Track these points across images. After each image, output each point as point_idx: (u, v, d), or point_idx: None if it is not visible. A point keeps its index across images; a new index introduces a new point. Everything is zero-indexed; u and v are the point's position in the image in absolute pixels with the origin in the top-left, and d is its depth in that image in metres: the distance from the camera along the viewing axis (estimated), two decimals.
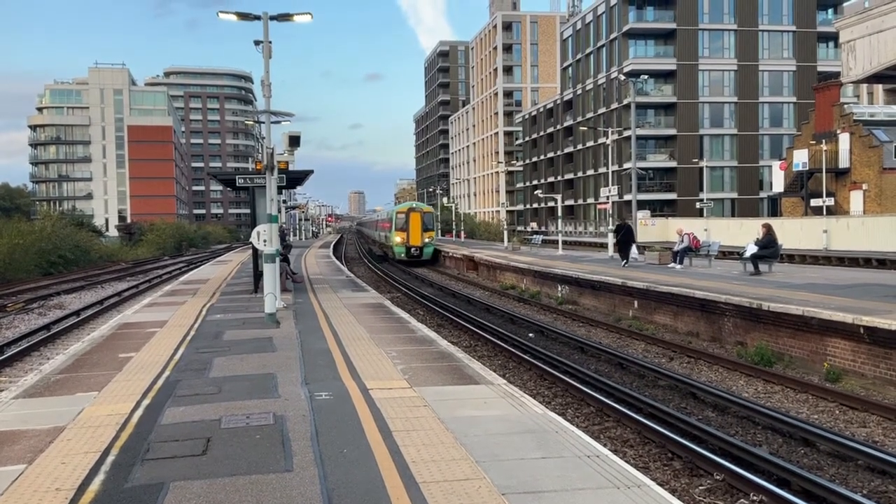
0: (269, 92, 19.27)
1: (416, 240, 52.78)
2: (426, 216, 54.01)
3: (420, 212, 53.60)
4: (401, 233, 52.87)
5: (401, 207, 56.10)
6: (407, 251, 52.85)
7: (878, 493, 8.61)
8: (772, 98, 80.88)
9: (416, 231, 52.59)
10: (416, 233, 52.62)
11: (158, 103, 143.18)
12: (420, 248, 52.91)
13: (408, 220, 52.68)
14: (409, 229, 52.56)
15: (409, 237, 52.61)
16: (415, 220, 52.69)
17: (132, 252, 71.07)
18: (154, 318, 18.79)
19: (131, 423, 8.81)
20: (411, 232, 52.57)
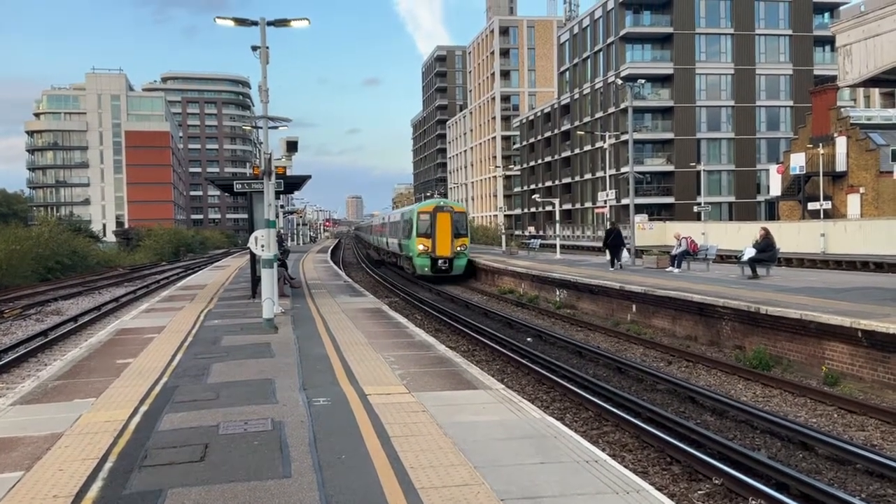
0: (267, 97, 19.28)
1: (445, 249, 40.47)
2: (457, 218, 41.33)
3: (450, 212, 41.05)
4: (424, 240, 40.63)
5: (424, 206, 42.61)
6: (432, 264, 40.58)
7: (877, 496, 8.62)
8: (769, 102, 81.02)
9: (444, 237, 40.58)
10: (444, 240, 40.59)
11: (156, 109, 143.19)
12: (449, 260, 40.60)
13: (433, 223, 40.51)
14: (435, 235, 40.40)
15: (436, 245, 40.40)
16: (443, 222, 40.61)
17: (130, 257, 71.02)
18: (152, 324, 18.77)
19: (129, 429, 8.79)
20: (438, 238, 40.43)
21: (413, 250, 41.49)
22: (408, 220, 43.56)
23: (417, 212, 41.56)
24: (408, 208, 49.62)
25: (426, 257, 40.66)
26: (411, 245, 41.75)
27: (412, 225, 41.68)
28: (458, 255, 40.88)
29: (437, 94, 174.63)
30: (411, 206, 48.97)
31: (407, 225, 43.68)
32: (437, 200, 43.13)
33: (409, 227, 42.42)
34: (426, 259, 40.69)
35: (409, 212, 44.97)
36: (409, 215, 43.79)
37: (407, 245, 43.48)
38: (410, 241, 41.82)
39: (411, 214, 42.50)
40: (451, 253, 40.49)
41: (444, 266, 40.51)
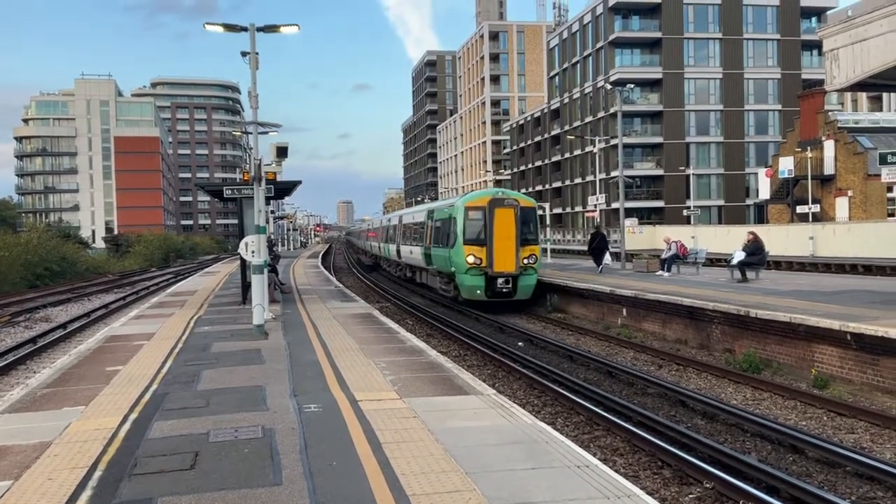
0: (257, 103, 19.26)
1: (508, 262, 27.15)
2: (526, 215, 28.02)
3: (514, 207, 27.55)
4: (474, 249, 27.45)
5: (474, 198, 28.83)
6: (488, 285, 27.33)
7: (867, 499, 8.65)
8: (757, 106, 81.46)
9: (506, 245, 27.19)
10: (506, 248, 27.20)
11: (145, 114, 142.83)
12: (513, 279, 27.38)
13: (489, 224, 27.27)
14: (491, 241, 27.15)
15: (494, 257, 27.15)
16: (504, 222, 27.23)
17: (119, 264, 70.67)
18: (141, 331, 18.68)
19: (119, 437, 8.75)
20: (498, 247, 27.17)
21: (456, 264, 28.00)
22: (444, 220, 30.39)
23: (465, 207, 27.92)
24: (440, 204, 35.30)
25: (478, 275, 27.29)
26: (453, 257, 28.32)
27: (454, 226, 28.39)
28: (526, 270, 27.49)
29: (427, 99, 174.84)
30: (449, 201, 33.14)
31: (443, 226, 30.52)
32: (492, 191, 29.17)
33: (448, 229, 29.37)
34: (478, 278, 27.28)
35: (446, 208, 30.92)
36: (446, 213, 30.43)
37: (443, 257, 30.19)
38: (452, 252, 28.45)
39: (452, 211, 29.03)
40: (517, 268, 27.10)
41: (506, 288, 27.27)
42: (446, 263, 29.45)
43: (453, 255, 28.33)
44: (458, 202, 29.15)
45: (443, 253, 30.06)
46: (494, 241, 27.03)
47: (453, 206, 29.42)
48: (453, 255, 28.34)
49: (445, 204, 32.46)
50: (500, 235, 27.06)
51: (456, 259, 28.07)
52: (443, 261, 30.21)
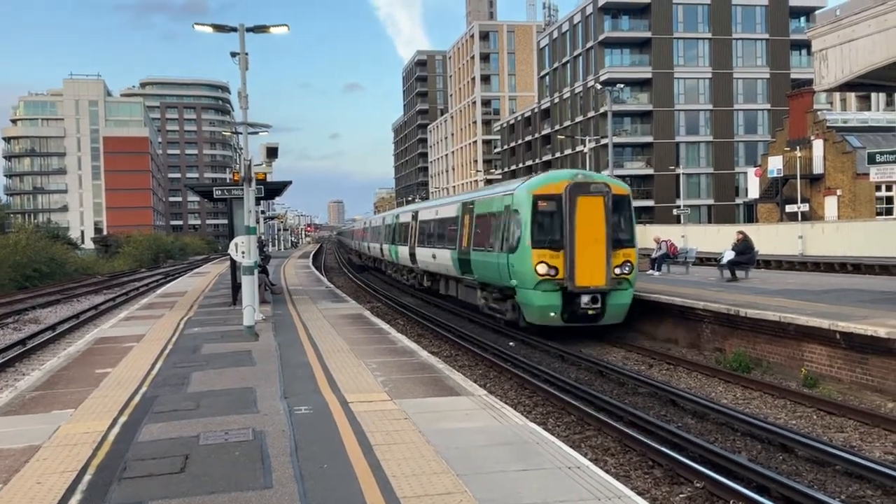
0: (247, 104, 19.21)
1: (596, 272, 19.71)
2: (618, 205, 20.46)
3: (604, 194, 19.99)
4: (548, 254, 19.86)
5: (543, 184, 20.59)
6: (566, 304, 19.76)
7: (856, 497, 8.70)
8: (746, 105, 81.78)
9: (593, 248, 19.76)
10: (593, 253, 19.75)
11: (134, 114, 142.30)
12: (602, 296, 19.90)
13: (570, 218, 19.72)
14: (572, 243, 19.68)
15: (577, 265, 19.64)
16: (591, 214, 19.83)
17: (108, 264, 70.34)
18: (131, 333, 18.61)
19: (108, 440, 8.71)
20: (582, 251, 19.71)
21: (519, 274, 20.07)
22: (494, 215, 22.29)
23: (532, 196, 20.02)
24: (484, 193, 25.37)
25: (552, 290, 19.57)
26: (514, 265, 20.21)
27: (513, 223, 20.54)
28: (620, 283, 19.89)
29: (417, 99, 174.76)
30: (499, 188, 24.03)
31: (492, 223, 22.39)
32: (569, 173, 21.46)
33: (502, 227, 21.37)
34: (552, 295, 19.56)
35: (498, 198, 22.41)
36: (498, 204, 22.16)
37: (492, 265, 21.87)
38: (512, 258, 20.38)
39: (511, 202, 20.98)
40: (608, 281, 19.56)
41: (593, 309, 19.64)
42: (499, 273, 21.23)
43: (515, 262, 19.95)
44: (518, 189, 20.78)
45: (492, 259, 21.62)
46: (577, 243, 19.15)
47: (512, 195, 20.85)
48: (515, 263, 19.95)
49: (495, 193, 23.18)
50: (585, 235, 19.24)
51: (519, 268, 19.77)
52: (492, 270, 21.79)
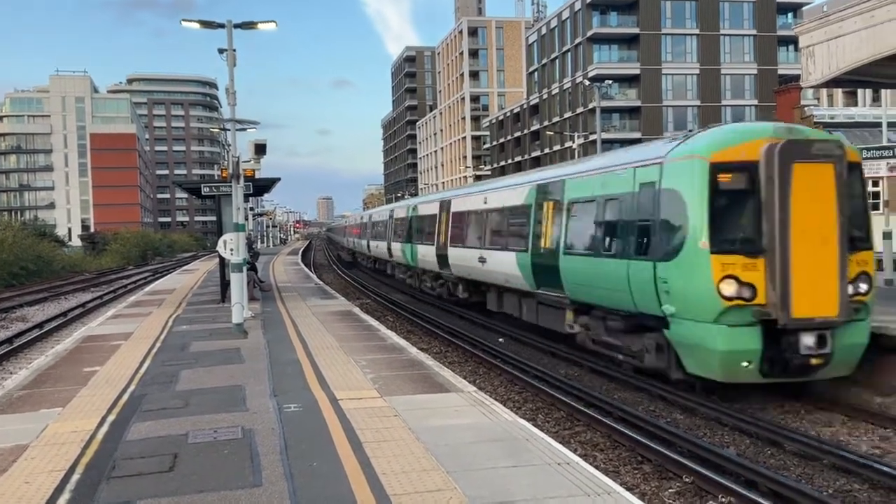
0: (234, 100, 19.13)
1: (824, 293, 11.37)
2: (853, 179, 12.09)
3: (834, 159, 11.56)
4: (738, 261, 11.53)
5: (724, 143, 12.11)
6: (771, 347, 11.50)
7: (843, 491, 8.76)
8: (734, 101, 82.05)
9: (819, 252, 11.39)
10: (822, 260, 11.39)
11: (121, 111, 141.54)
12: (829, 332, 11.46)
13: (782, 200, 11.29)
14: (785, 244, 11.27)
15: (793, 281, 11.22)
16: (816, 193, 11.41)
17: (96, 262, 69.95)
18: (119, 331, 18.53)
19: (96, 439, 8.68)
20: (801, 257, 11.28)
21: (687, 297, 12.10)
22: (624, 195, 14.06)
23: (711, 164, 11.93)
24: (599, 163, 16.17)
25: (747, 323, 11.66)
26: (677, 279, 12.26)
27: (666, 210, 12.68)
28: (858, 310, 11.98)
29: (406, 95, 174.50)
30: (636, 152, 15.01)
31: (619, 211, 14.23)
32: (770, 126, 12.60)
33: (646, 216, 13.18)
34: (748, 331, 11.66)
35: (628, 168, 14.15)
36: (631, 178, 13.86)
37: (621, 277, 13.74)
38: (671, 269, 12.34)
39: (659, 175, 12.94)
40: (841, 309, 11.57)
41: (819, 356, 11.62)
42: (628, 292, 13.54)
43: (673, 275, 12.30)
44: (675, 153, 12.81)
45: (613, 270, 13.98)
46: (793, 243, 11.48)
47: (660, 166, 12.97)
48: (673, 277, 12.29)
49: (612, 165, 15.05)
50: (806, 230, 11.55)
51: (682, 285, 12.18)
52: (611, 285, 14.12)
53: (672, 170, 12.65)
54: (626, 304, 13.78)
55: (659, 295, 12.54)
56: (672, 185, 12.54)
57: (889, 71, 16.31)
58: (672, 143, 13.30)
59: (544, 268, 17.37)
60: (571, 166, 18.50)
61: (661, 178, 12.83)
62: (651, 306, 12.87)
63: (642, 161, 13.76)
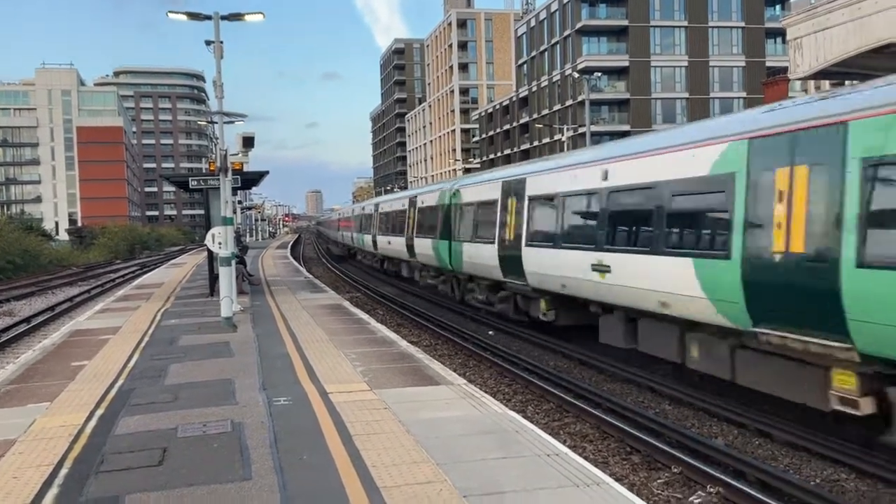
0: (222, 92, 19.03)
1: None
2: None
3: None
4: None
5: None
6: None
7: (831, 481, 8.82)
8: (722, 93, 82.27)
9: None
10: None
11: (108, 104, 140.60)
12: None
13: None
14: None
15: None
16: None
17: (83, 256, 69.59)
18: (107, 325, 18.44)
19: (85, 433, 8.64)
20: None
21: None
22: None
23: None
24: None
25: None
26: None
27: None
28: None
29: (395, 88, 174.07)
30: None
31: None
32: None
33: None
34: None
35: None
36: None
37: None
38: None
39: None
40: None
41: None
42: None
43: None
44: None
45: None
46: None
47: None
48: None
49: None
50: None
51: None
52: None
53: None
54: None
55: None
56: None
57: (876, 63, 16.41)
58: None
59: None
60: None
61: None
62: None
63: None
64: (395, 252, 34.34)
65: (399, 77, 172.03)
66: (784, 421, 10.94)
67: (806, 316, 9.32)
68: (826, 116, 9.26)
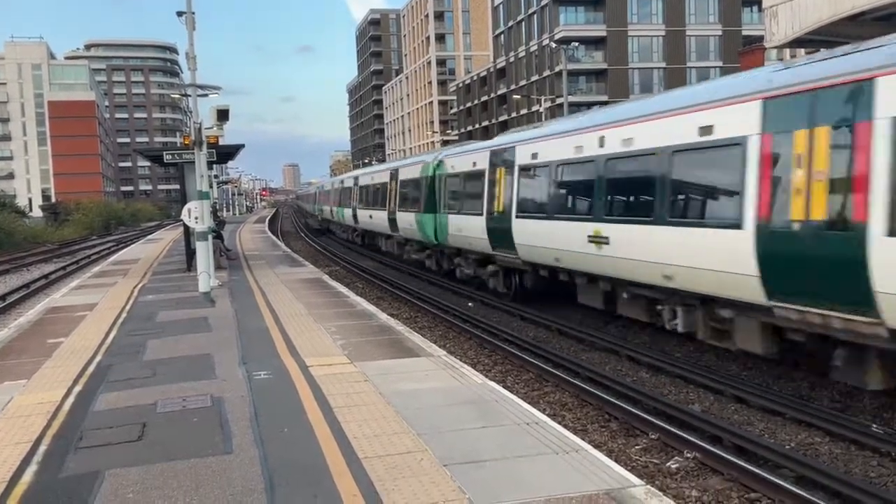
0: (195, 65, 18.78)
1: None
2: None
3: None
4: None
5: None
6: None
7: (805, 445, 8.98)
8: (699, 63, 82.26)
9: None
10: None
11: (80, 77, 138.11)
12: None
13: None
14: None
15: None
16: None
17: (58, 233, 68.68)
18: (84, 301, 18.27)
19: (63, 410, 8.59)
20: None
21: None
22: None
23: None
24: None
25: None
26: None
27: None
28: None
29: (371, 59, 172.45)
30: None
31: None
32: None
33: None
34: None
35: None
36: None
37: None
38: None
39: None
40: None
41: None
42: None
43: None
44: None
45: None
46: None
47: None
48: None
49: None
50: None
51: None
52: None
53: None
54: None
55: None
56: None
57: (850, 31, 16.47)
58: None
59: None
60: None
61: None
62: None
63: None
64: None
65: (375, 48, 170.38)
66: (759, 387, 11.11)
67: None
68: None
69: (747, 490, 7.61)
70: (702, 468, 8.25)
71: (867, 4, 16.83)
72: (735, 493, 7.60)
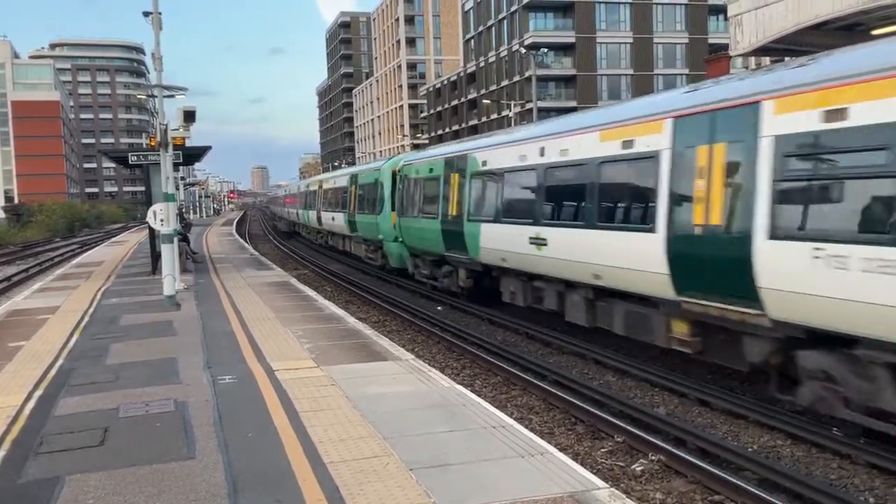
0: (161, 66, 18.57)
1: None
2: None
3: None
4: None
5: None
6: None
7: (768, 447, 9.11)
8: (666, 70, 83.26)
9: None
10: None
11: (44, 77, 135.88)
12: None
13: None
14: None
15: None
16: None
17: (21, 234, 67.55)
18: (45, 304, 17.97)
19: (23, 415, 8.44)
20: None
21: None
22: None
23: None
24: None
25: None
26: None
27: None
28: None
29: (341, 62, 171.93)
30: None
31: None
32: None
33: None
34: None
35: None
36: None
37: None
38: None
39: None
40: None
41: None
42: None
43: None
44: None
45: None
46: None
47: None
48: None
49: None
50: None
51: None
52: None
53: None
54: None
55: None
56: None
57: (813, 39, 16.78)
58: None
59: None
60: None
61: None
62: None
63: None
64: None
65: (346, 51, 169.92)
66: (722, 390, 11.24)
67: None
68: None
69: (711, 492, 7.69)
70: (666, 470, 8.32)
71: (829, 14, 17.17)
72: (699, 495, 7.68)
